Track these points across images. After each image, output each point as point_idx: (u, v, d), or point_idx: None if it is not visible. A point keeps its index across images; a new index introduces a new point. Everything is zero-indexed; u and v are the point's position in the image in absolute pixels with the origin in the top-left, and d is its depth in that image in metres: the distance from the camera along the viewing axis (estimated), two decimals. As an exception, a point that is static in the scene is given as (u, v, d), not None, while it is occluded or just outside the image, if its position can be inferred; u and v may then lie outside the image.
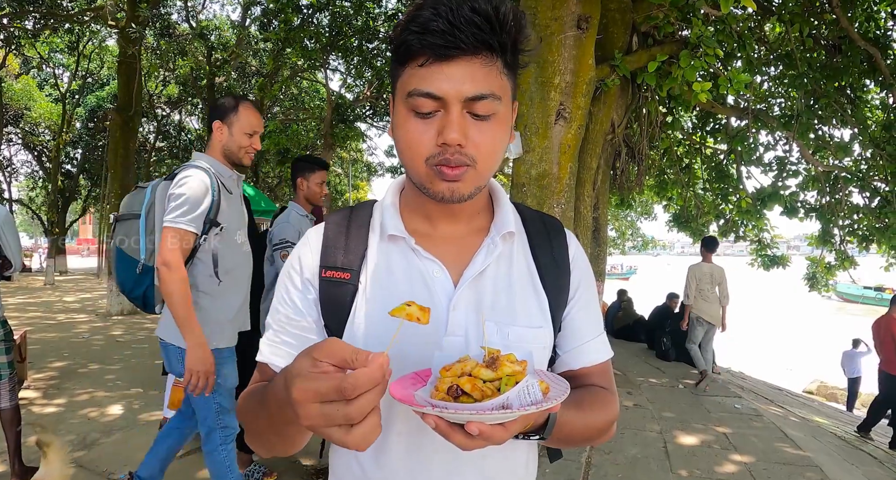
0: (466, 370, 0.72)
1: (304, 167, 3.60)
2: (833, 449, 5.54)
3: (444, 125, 0.79)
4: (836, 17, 6.26)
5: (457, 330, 0.89)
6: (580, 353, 1.00)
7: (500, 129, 0.84)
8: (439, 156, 0.80)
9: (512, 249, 0.97)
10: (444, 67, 0.78)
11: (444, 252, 0.93)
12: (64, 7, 13.94)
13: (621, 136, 6.30)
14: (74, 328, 9.91)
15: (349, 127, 13.43)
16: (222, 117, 2.57)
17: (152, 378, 6.07)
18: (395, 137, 0.86)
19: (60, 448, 2.47)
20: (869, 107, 8.08)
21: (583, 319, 1.01)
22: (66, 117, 21.24)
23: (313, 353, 0.63)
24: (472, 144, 0.81)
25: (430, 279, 0.90)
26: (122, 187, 11.55)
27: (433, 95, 0.79)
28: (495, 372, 0.71)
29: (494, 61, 0.80)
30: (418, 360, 0.85)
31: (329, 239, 0.95)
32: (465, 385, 0.69)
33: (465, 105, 0.79)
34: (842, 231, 8.56)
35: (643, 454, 4.57)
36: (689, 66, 4.75)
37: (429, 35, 0.76)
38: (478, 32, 0.76)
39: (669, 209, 11.11)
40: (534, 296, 0.96)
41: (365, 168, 25.50)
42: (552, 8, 4.32)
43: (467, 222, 0.96)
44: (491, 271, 0.93)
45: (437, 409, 0.64)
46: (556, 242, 1.02)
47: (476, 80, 0.79)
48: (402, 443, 0.90)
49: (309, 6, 11.42)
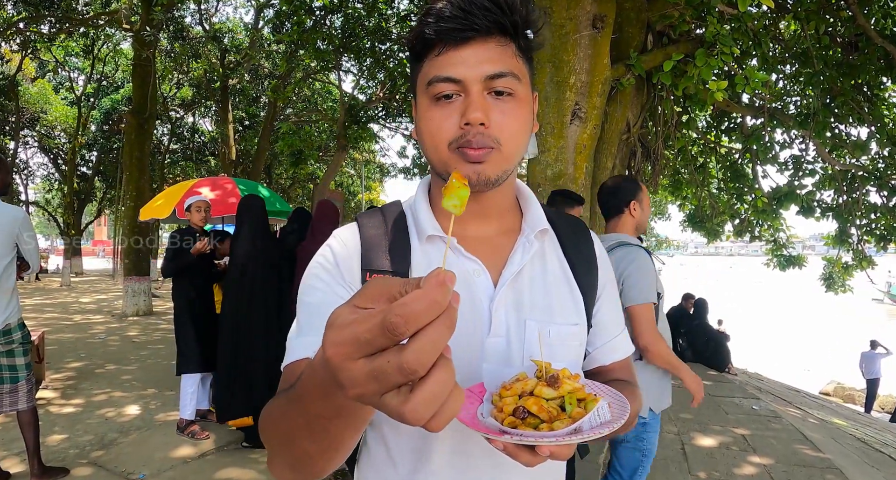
0: (527, 389, 0.72)
1: (566, 202, 3.53)
2: (853, 451, 5.47)
3: (467, 106, 0.79)
4: (853, 15, 6.19)
5: (499, 330, 0.87)
6: (609, 350, 1.01)
7: (522, 110, 0.84)
8: (462, 137, 0.80)
9: (545, 247, 0.97)
10: (461, 51, 0.80)
11: (480, 251, 0.91)
12: (79, 11, 14.11)
13: (636, 136, 6.25)
14: (91, 329, 10.00)
15: (362, 128, 13.44)
16: None
17: (168, 378, 6.11)
18: (418, 130, 0.86)
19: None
20: (886, 104, 7.96)
21: (610, 316, 1.02)
22: (82, 120, 21.52)
23: (354, 301, 0.46)
24: (496, 125, 0.81)
25: (471, 279, 0.89)
26: (137, 189, 11.64)
27: (452, 79, 0.80)
28: (557, 390, 0.71)
29: (508, 43, 0.82)
30: (461, 362, 0.84)
31: (368, 241, 0.93)
32: (532, 406, 0.69)
33: (485, 85, 0.80)
34: (859, 230, 8.45)
35: (661, 456, 4.53)
36: (705, 65, 4.72)
37: (443, 21, 0.78)
38: (489, 14, 0.78)
39: (684, 208, 11.03)
40: (569, 294, 0.95)
41: (377, 169, 25.54)
42: (567, 7, 4.31)
43: (498, 222, 0.95)
44: (527, 270, 0.93)
45: (515, 437, 0.64)
46: (584, 241, 1.03)
47: (493, 60, 0.80)
48: (447, 448, 0.86)
49: (322, 8, 11.44)
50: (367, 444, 0.94)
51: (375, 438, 0.92)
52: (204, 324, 4.50)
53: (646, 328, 2.41)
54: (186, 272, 4.45)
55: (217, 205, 6.37)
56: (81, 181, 24.52)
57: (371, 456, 0.93)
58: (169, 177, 23.30)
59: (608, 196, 2.73)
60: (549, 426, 0.67)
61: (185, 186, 6.89)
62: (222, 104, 17.71)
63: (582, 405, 0.71)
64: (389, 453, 0.89)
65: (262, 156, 17.47)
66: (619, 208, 2.69)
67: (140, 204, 9.72)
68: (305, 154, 15.10)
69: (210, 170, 23.29)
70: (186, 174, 23.90)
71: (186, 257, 4.38)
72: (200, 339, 4.45)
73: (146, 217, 7.11)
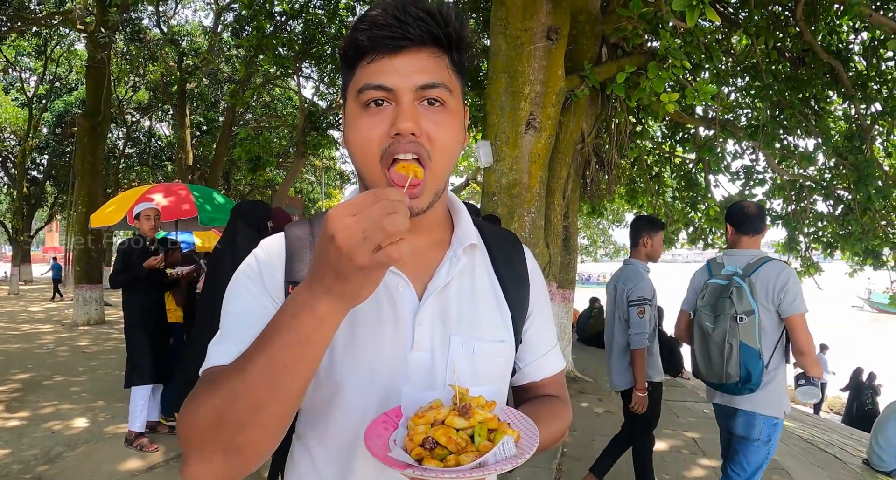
0: (440, 418, 0.73)
1: (649, 227, 3.75)
2: (800, 452, 5.63)
3: (397, 115, 0.78)
4: (800, 31, 6.43)
5: (423, 345, 0.87)
6: (540, 366, 1.02)
7: (453, 121, 0.83)
8: (391, 146, 0.79)
9: (474, 262, 0.96)
10: (394, 60, 0.79)
11: (405, 265, 0.89)
12: (31, 10, 13.70)
13: (591, 146, 6.37)
14: (39, 339, 9.69)
15: (322, 135, 13.34)
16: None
17: (119, 389, 5.92)
18: (347, 139, 0.85)
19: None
20: (832, 117, 8.30)
21: (542, 332, 1.03)
22: (33, 122, 20.86)
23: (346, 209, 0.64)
24: (426, 135, 0.80)
25: (395, 293, 0.88)
26: (90, 194, 11.35)
27: (384, 87, 0.79)
28: (468, 420, 0.73)
29: (441, 55, 0.82)
30: (383, 376, 0.84)
31: (293, 253, 0.91)
32: (441, 437, 0.71)
33: (417, 94, 0.80)
34: (807, 238, 8.74)
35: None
36: (658, 77, 4.83)
37: (377, 29, 0.78)
38: (423, 24, 0.78)
39: (640, 216, 11.23)
40: (497, 310, 0.95)
41: (338, 176, 25.36)
42: (523, 19, 4.37)
43: (427, 234, 0.93)
44: (454, 285, 0.92)
45: (417, 471, 0.66)
46: (516, 257, 1.02)
47: (426, 70, 0.80)
48: (371, 466, 0.86)
49: (282, 13, 11.36)
50: (294, 458, 0.95)
51: (301, 451, 0.92)
52: (156, 335, 4.41)
53: (803, 335, 2.77)
54: (137, 283, 4.36)
55: (170, 211, 6.25)
56: (32, 185, 23.75)
57: (297, 470, 0.93)
58: (124, 182, 22.77)
59: (752, 217, 3.03)
60: (456, 458, 0.69)
61: (138, 192, 6.75)
62: (179, 108, 17.39)
63: (492, 436, 0.72)
64: (315, 466, 0.90)
65: (220, 162, 17.19)
66: (759, 228, 3.04)
67: (92, 209, 9.45)
68: (264, 160, 14.94)
69: (167, 175, 22.83)
70: (142, 179, 23.39)
71: (138, 270, 4.29)
72: (153, 350, 4.36)
73: (97, 224, 6.94)
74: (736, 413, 2.97)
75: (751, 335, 2.79)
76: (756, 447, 2.91)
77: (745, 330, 2.79)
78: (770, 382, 2.87)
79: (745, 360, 2.79)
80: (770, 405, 2.87)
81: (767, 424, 2.88)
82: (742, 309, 2.80)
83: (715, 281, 3.00)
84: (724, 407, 3.05)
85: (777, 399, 2.90)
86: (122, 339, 9.16)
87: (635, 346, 3.48)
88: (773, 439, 2.91)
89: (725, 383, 2.88)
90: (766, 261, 2.89)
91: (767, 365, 2.84)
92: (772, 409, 2.88)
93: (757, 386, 2.81)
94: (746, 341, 2.79)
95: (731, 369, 2.82)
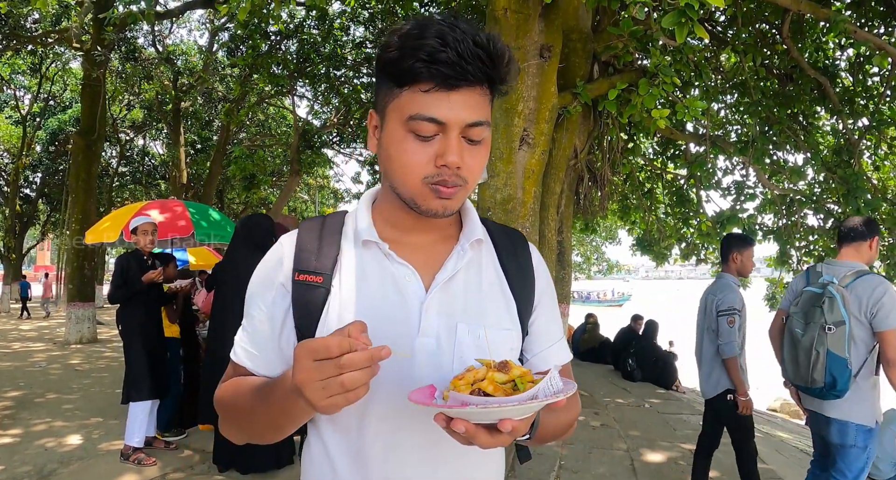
0: (479, 376, 0.77)
1: (739, 243, 3.83)
2: (795, 463, 5.64)
3: (445, 149, 0.85)
4: (787, 48, 6.54)
5: (428, 332, 0.92)
6: (548, 356, 1.06)
7: (486, 153, 0.92)
8: (437, 176, 0.86)
9: (481, 256, 1.02)
10: (451, 95, 0.84)
11: (415, 258, 0.97)
12: (27, 29, 13.77)
13: (584, 162, 6.44)
14: (31, 357, 9.63)
15: (316, 153, 13.42)
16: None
17: (112, 406, 5.91)
18: (388, 155, 0.90)
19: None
20: (820, 132, 8.42)
21: (548, 324, 1.08)
22: (27, 140, 20.82)
23: (313, 347, 0.71)
24: (467, 167, 0.87)
25: (402, 283, 0.94)
26: (83, 213, 11.31)
27: (436, 120, 0.84)
28: (507, 374, 0.77)
29: (487, 93, 0.88)
30: (391, 362, 0.87)
31: (302, 244, 0.98)
32: (487, 387, 0.74)
33: (463, 130, 0.86)
34: (798, 252, 8.81)
35: (611, 472, 4.61)
36: (648, 94, 4.91)
37: (439, 65, 0.81)
38: (482, 66, 0.83)
39: (633, 233, 11.30)
40: (503, 301, 1.01)
41: (332, 194, 25.38)
42: (516, 37, 4.45)
43: (438, 231, 1.01)
44: (461, 276, 0.98)
45: (479, 405, 0.69)
46: (521, 251, 1.08)
47: (473, 108, 0.86)
48: (379, 445, 0.92)
49: (277, 33, 11.48)
50: (310, 443, 1.01)
51: (315, 436, 0.99)
52: (154, 350, 4.41)
53: (892, 349, 2.82)
54: (135, 297, 4.36)
55: (166, 228, 6.26)
56: (24, 203, 23.67)
57: (311, 453, 1.00)
58: (117, 200, 22.73)
59: (852, 227, 3.14)
60: None
61: (133, 209, 6.77)
62: (174, 127, 17.44)
63: (532, 385, 0.76)
64: (327, 451, 0.96)
65: (214, 180, 17.21)
66: (855, 237, 3.12)
67: (86, 228, 9.43)
68: (258, 178, 15.00)
69: (160, 193, 22.82)
70: (135, 197, 23.35)
71: (137, 285, 4.30)
72: (151, 365, 4.35)
73: (92, 240, 6.94)
74: (829, 421, 3.04)
75: (839, 345, 2.84)
76: (856, 452, 2.98)
77: (833, 339, 2.85)
78: (859, 390, 2.93)
79: (831, 368, 2.85)
80: (861, 413, 2.95)
81: (861, 431, 2.96)
82: (832, 319, 2.86)
83: (810, 289, 3.07)
84: (816, 415, 3.13)
85: (868, 407, 2.97)
86: (115, 357, 9.15)
87: (726, 355, 3.55)
88: (869, 446, 2.99)
89: (811, 387, 2.94)
90: (863, 274, 2.97)
91: (856, 374, 2.90)
92: (863, 417, 2.95)
93: (843, 392, 2.87)
94: (835, 350, 2.85)
95: (817, 375, 2.88)
